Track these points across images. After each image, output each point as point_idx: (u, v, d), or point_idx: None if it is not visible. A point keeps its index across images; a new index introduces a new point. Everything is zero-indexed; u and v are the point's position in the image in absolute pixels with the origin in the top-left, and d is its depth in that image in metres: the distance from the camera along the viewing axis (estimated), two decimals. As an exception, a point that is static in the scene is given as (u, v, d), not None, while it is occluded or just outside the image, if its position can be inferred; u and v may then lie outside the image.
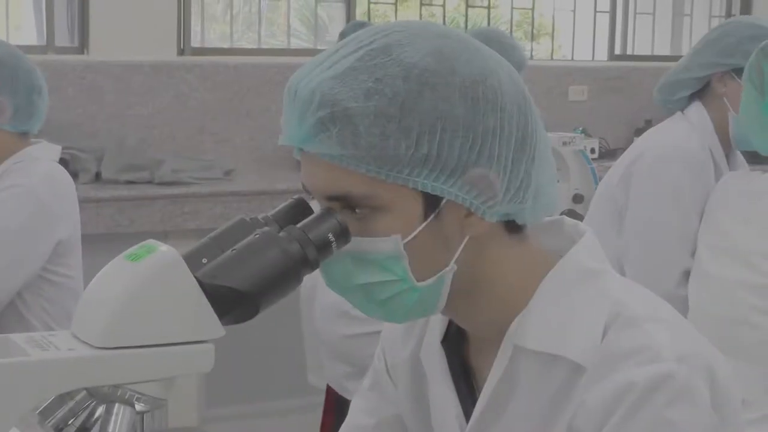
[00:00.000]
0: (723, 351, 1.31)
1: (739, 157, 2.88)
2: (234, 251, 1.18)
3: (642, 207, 2.77)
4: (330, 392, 3.24)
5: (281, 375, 4.10)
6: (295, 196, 1.29)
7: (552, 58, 5.91)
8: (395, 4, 5.37)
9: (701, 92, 2.81)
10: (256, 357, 4.17)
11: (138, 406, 1.16)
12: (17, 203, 2.58)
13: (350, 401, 1.60)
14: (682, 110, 2.83)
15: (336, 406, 3.16)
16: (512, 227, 1.30)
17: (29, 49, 4.12)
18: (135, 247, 1.17)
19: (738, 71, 2.69)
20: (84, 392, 1.17)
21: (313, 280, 1.42)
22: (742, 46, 2.72)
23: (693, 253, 2.61)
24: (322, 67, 1.23)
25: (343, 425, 1.55)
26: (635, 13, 5.89)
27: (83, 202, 3.10)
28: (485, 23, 5.76)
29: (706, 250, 2.40)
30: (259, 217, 1.24)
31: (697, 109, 2.80)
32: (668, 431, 1.18)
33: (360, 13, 5.14)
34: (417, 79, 1.20)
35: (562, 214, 1.45)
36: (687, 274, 2.62)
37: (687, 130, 2.79)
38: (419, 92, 1.20)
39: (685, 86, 2.82)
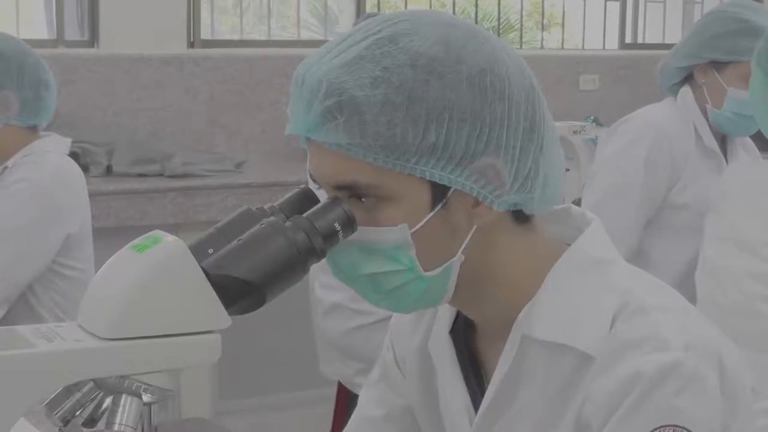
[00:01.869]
0: (732, 341, 1.30)
1: (739, 143, 2.90)
2: (240, 241, 1.18)
3: (596, 168, 2.86)
4: (342, 384, 3.25)
5: (293, 367, 4.10)
6: (301, 186, 1.29)
7: (562, 48, 5.90)
8: (405, -6, 5.36)
9: (690, 78, 2.87)
10: (268, 349, 4.17)
11: (145, 397, 1.16)
12: (26, 198, 2.58)
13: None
14: (675, 96, 2.90)
15: (348, 399, 3.17)
16: (520, 217, 1.30)
17: (39, 43, 4.13)
18: (141, 237, 1.17)
19: (717, 64, 2.74)
20: (91, 384, 1.17)
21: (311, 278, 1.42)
22: (724, 41, 2.76)
23: (645, 216, 2.75)
24: (330, 56, 1.23)
25: (353, 417, 1.55)
26: (646, 1, 5.87)
27: (94, 195, 3.10)
28: (495, 13, 5.75)
29: (713, 241, 2.39)
30: (265, 207, 1.24)
31: (684, 93, 2.87)
32: (677, 420, 1.17)
33: (370, 5, 5.13)
34: (424, 68, 1.20)
35: (573, 202, 1.45)
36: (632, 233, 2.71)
37: (665, 108, 2.85)
38: (426, 81, 1.20)
39: (672, 75, 2.90)
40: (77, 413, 1.18)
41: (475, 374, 1.37)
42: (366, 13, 4.70)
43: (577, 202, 3.03)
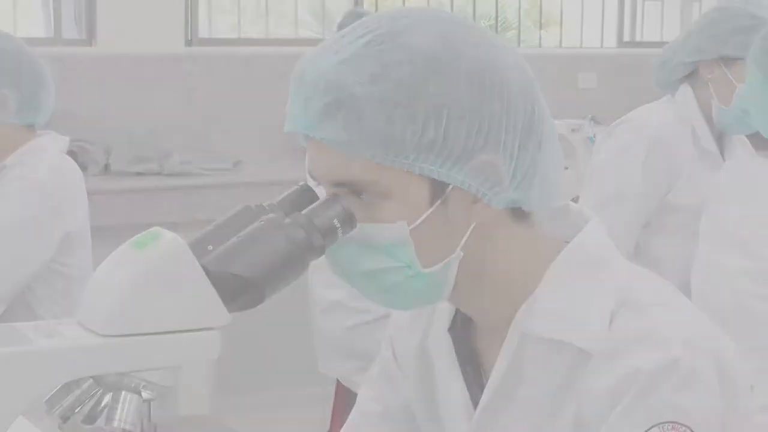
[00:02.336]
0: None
1: (736, 141, 2.89)
2: (239, 238, 1.18)
3: (593, 170, 2.82)
4: (340, 382, 3.25)
5: (292, 365, 4.10)
6: (301, 183, 1.29)
7: (560, 46, 5.90)
8: (403, -7, 5.36)
9: (691, 75, 2.85)
10: (267, 347, 4.17)
11: (145, 394, 1.16)
12: (24, 196, 2.58)
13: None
14: (674, 93, 2.88)
15: (347, 397, 3.17)
16: (518, 214, 1.30)
17: (37, 41, 4.13)
18: (140, 234, 1.17)
19: (726, 60, 2.73)
20: (90, 380, 1.17)
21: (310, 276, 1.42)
22: (735, 36, 2.74)
23: (642, 219, 2.76)
24: (329, 52, 1.23)
25: (352, 413, 1.55)
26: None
27: (92, 193, 3.10)
28: (493, 12, 5.75)
29: (707, 239, 2.39)
30: (265, 204, 1.24)
31: (683, 90, 2.84)
32: (676, 416, 1.18)
33: (368, 4, 5.13)
34: (423, 65, 1.20)
35: (571, 200, 1.45)
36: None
37: (663, 109, 2.83)
38: (425, 78, 1.20)
39: (676, 70, 2.86)
40: (76, 410, 1.18)
41: (474, 371, 1.37)
42: (351, 10, 4.66)
43: (576, 200, 3.03)
